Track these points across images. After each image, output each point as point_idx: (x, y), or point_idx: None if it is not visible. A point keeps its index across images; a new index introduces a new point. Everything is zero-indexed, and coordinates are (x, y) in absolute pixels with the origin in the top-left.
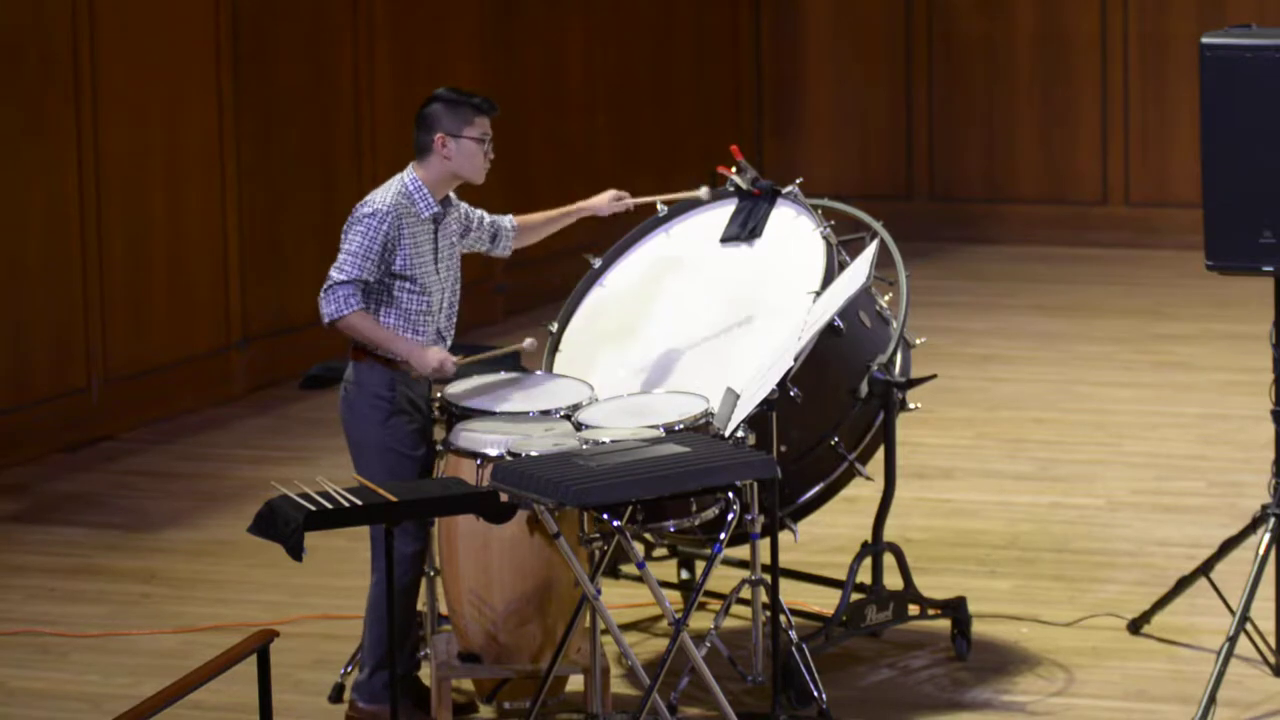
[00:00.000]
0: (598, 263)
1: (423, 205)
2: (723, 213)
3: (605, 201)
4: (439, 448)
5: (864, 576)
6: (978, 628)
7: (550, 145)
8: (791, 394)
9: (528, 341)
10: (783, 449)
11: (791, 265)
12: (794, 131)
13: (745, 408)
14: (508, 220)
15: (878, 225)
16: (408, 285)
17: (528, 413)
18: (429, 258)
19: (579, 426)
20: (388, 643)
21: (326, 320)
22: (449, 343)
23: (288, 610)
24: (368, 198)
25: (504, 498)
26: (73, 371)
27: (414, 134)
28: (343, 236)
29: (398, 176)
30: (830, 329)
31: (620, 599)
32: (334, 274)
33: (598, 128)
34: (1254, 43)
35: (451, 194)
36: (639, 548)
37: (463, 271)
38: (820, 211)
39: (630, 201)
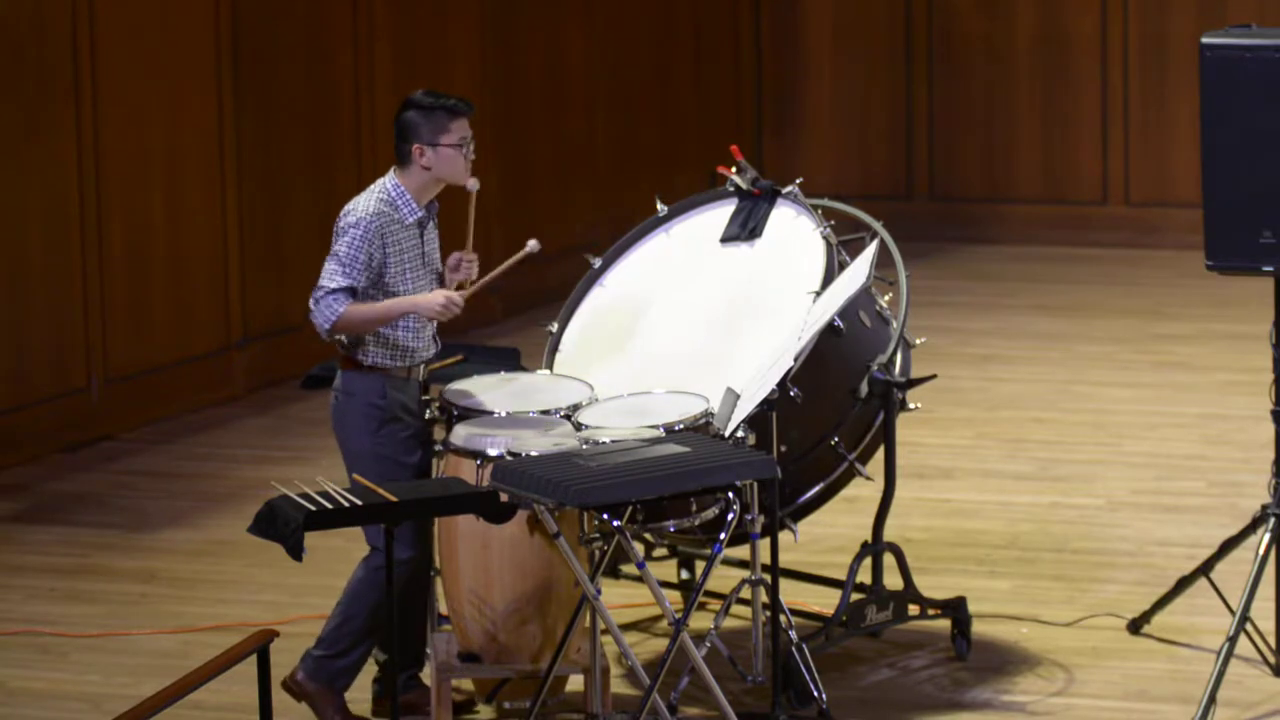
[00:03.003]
0: (598, 263)
1: (406, 211)
2: (723, 213)
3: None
4: (438, 448)
5: (864, 576)
6: (978, 628)
7: (550, 145)
8: (791, 394)
9: (531, 243)
10: (783, 449)
11: (791, 265)
12: (794, 131)
13: (745, 408)
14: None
15: (878, 225)
16: (397, 295)
17: (528, 413)
18: (417, 262)
19: (579, 426)
20: (387, 644)
21: (324, 328)
22: (438, 345)
23: (288, 610)
24: (350, 205)
25: (504, 498)
26: (73, 371)
27: (394, 140)
28: (333, 244)
29: (380, 181)
30: (830, 329)
31: (620, 599)
32: (323, 282)
33: (597, 128)
34: (1254, 43)
35: (435, 199)
36: (639, 548)
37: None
38: (820, 211)
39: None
